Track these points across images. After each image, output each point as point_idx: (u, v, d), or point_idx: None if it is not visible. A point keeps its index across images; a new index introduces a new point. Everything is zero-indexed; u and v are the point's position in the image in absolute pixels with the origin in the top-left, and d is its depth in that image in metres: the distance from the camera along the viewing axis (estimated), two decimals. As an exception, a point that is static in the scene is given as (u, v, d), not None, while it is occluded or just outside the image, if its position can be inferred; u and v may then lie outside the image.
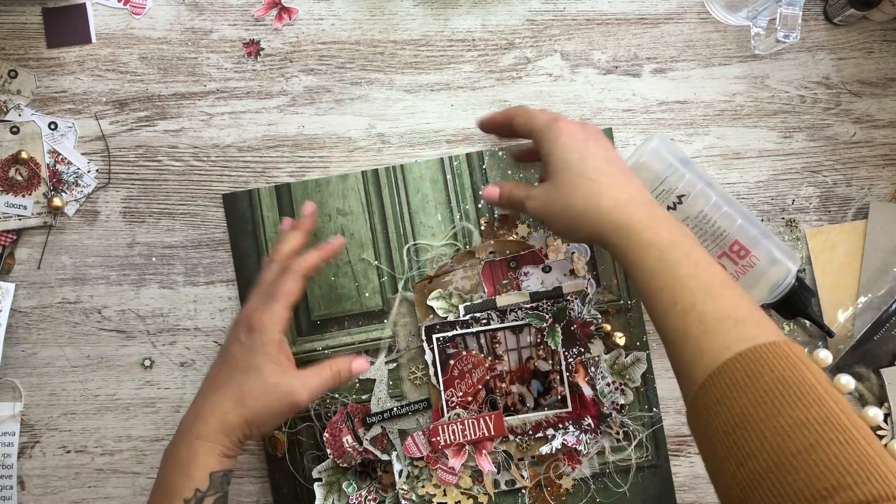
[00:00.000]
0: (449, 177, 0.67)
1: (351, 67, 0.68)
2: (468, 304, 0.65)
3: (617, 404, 0.65)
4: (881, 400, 0.64)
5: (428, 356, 0.65)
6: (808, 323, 0.65)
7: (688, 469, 0.67)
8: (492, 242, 0.66)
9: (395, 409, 0.65)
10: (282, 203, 0.67)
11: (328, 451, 0.65)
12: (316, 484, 0.65)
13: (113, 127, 0.68)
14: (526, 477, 0.65)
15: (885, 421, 0.64)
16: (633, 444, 0.66)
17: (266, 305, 0.55)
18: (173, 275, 0.67)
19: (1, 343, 0.65)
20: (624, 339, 0.66)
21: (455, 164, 0.67)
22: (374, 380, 0.66)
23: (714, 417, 0.43)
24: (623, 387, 0.66)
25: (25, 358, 0.67)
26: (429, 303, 0.65)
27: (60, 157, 0.67)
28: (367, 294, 0.67)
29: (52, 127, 0.67)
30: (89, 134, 0.68)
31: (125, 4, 0.68)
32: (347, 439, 0.65)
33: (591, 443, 0.65)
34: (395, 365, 0.66)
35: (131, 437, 0.67)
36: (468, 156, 0.68)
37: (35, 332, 0.67)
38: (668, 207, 0.62)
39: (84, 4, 0.68)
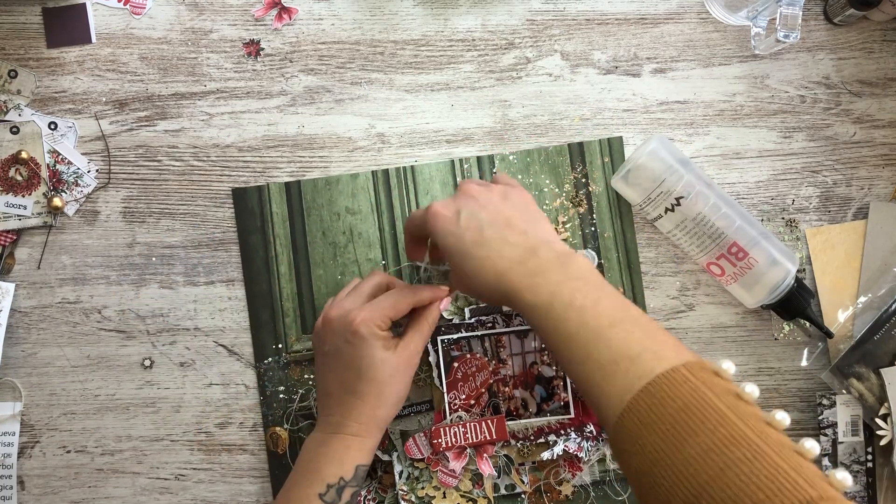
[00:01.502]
0: (459, 179, 0.67)
1: (351, 67, 0.68)
2: (474, 307, 0.65)
3: None
4: (881, 400, 0.64)
5: (432, 358, 0.65)
6: (807, 324, 0.65)
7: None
8: None
9: None
10: (291, 199, 0.67)
11: None
12: None
13: (113, 127, 0.68)
14: (526, 482, 0.65)
15: (885, 421, 0.64)
16: None
17: (364, 306, 0.58)
18: (173, 275, 0.67)
19: (1, 343, 0.65)
20: None
21: (465, 166, 0.67)
22: None
23: (632, 459, 0.43)
24: None
25: (25, 358, 0.67)
26: None
27: (60, 157, 0.67)
28: None
29: (52, 127, 0.67)
30: (89, 134, 0.68)
31: (125, 4, 0.68)
32: None
33: (592, 450, 0.65)
34: None
35: (131, 437, 0.67)
36: (479, 159, 0.67)
37: (35, 332, 0.67)
38: (667, 209, 0.62)
39: (84, 4, 0.68)
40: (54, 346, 0.67)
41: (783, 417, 0.42)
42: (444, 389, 0.65)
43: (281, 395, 0.66)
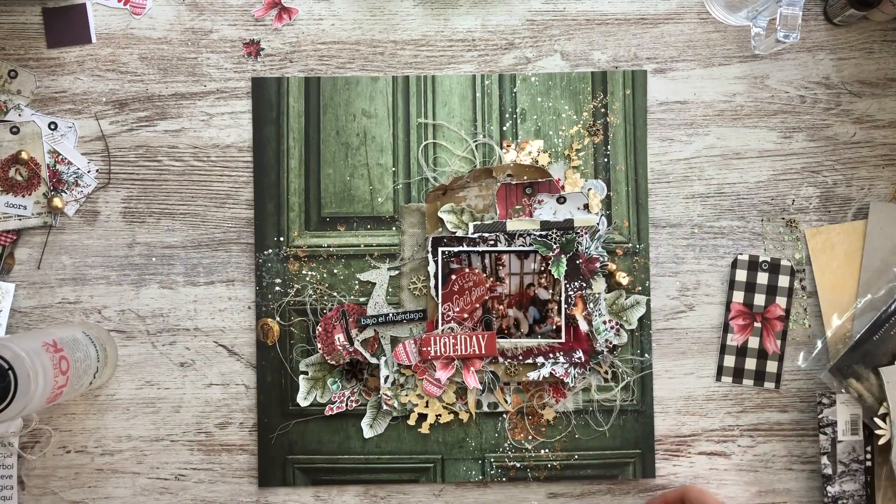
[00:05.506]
0: (478, 95, 0.68)
1: (351, 67, 0.68)
2: (478, 222, 0.66)
3: (610, 343, 0.66)
4: (880, 400, 0.64)
5: (431, 267, 0.66)
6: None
7: (687, 469, 0.67)
8: (511, 165, 0.66)
9: (390, 314, 0.66)
10: (309, 95, 0.67)
11: (318, 345, 0.66)
12: (301, 377, 0.66)
13: (113, 127, 0.68)
14: (509, 402, 0.66)
15: (884, 420, 0.64)
16: (621, 385, 0.66)
17: None
18: (173, 275, 0.67)
19: (1, 343, 0.65)
20: (627, 279, 0.66)
21: (486, 83, 0.68)
22: (374, 283, 0.66)
23: None
24: (619, 327, 0.66)
25: (25, 358, 0.67)
26: (440, 214, 0.66)
27: (60, 157, 0.67)
28: (379, 199, 0.67)
29: (52, 127, 0.67)
30: (89, 134, 0.68)
31: (125, 4, 0.68)
32: (339, 337, 0.66)
33: (578, 377, 0.66)
34: (397, 272, 0.67)
35: (131, 437, 0.67)
36: (500, 77, 0.68)
37: (35, 332, 0.67)
38: None
39: (84, 4, 0.68)
40: (54, 346, 0.67)
41: None
42: (439, 300, 0.65)
43: (277, 288, 0.67)
